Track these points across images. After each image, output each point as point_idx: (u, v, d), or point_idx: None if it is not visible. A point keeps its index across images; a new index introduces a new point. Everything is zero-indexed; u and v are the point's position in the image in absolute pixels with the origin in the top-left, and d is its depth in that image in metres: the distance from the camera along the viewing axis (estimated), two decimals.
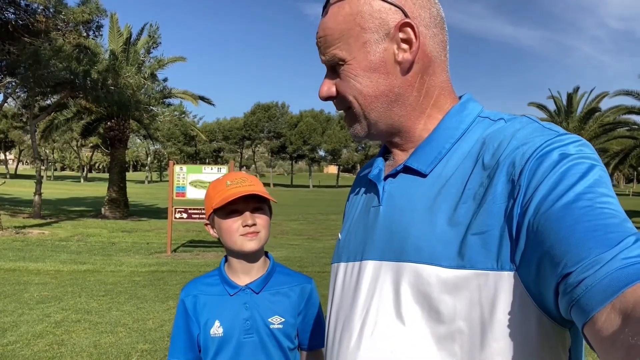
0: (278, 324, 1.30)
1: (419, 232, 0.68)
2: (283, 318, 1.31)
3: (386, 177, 0.79)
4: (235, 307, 1.30)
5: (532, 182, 0.59)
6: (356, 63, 0.74)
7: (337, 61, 0.76)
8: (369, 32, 0.73)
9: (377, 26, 0.73)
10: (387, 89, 0.75)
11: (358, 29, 0.74)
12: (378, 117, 0.77)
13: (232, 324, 1.28)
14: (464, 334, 0.63)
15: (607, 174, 0.62)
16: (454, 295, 0.63)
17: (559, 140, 0.63)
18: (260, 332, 1.29)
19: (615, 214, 0.54)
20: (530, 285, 0.59)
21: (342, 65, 0.76)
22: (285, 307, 1.33)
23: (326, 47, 0.77)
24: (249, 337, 1.28)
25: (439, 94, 0.77)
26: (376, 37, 0.73)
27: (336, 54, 0.75)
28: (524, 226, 0.58)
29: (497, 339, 0.61)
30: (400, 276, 0.68)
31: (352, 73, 0.75)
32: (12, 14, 14.45)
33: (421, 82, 0.75)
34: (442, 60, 0.77)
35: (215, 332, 1.28)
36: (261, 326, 1.29)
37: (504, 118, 0.73)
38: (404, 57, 0.73)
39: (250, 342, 1.28)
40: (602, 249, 0.50)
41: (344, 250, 0.84)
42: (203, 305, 1.31)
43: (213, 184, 1.36)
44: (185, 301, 1.33)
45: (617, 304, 0.46)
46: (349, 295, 0.77)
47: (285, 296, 1.34)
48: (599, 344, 0.47)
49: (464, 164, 0.70)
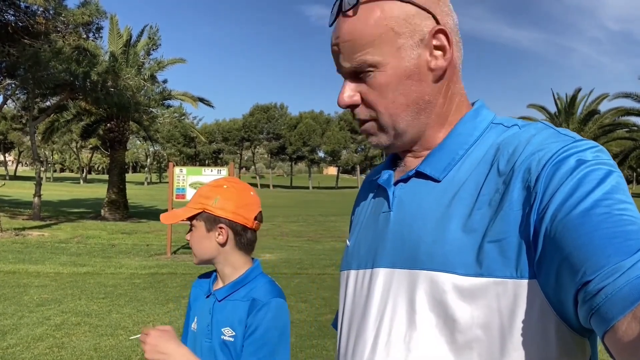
0: (229, 336, 1.28)
1: (432, 239, 0.67)
2: (234, 332, 1.28)
3: (396, 183, 0.78)
4: (206, 309, 1.36)
5: (548, 188, 0.59)
6: (391, 69, 0.71)
7: (367, 67, 0.72)
8: (403, 38, 0.71)
9: (411, 31, 0.71)
10: (418, 96, 0.73)
11: (392, 33, 0.70)
12: (406, 126, 0.75)
13: (201, 325, 1.36)
14: (483, 342, 0.62)
15: (624, 180, 0.61)
16: (471, 303, 0.62)
17: (575, 147, 0.62)
18: (214, 339, 1.30)
19: (634, 220, 0.54)
20: (550, 293, 0.58)
21: (371, 72, 0.72)
22: (238, 320, 1.28)
23: (353, 52, 0.72)
24: (207, 342, 1.31)
25: (459, 101, 0.77)
26: (410, 43, 0.71)
27: (367, 60, 0.71)
28: (541, 233, 0.58)
29: (517, 347, 0.60)
30: (415, 284, 0.67)
31: (384, 80, 0.72)
32: (12, 16, 14.47)
33: (447, 90, 0.75)
34: (460, 67, 0.78)
35: (194, 327, 1.38)
36: (215, 334, 1.30)
37: (518, 124, 0.73)
38: (437, 64, 0.72)
39: (207, 346, 1.31)
40: (621, 256, 0.49)
41: (354, 257, 0.82)
42: (195, 298, 1.44)
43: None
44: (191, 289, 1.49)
45: (638, 312, 0.45)
46: (360, 303, 0.76)
47: (238, 309, 1.30)
48: (619, 353, 0.47)
49: (478, 170, 0.69)
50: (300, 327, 5.07)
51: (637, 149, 25.51)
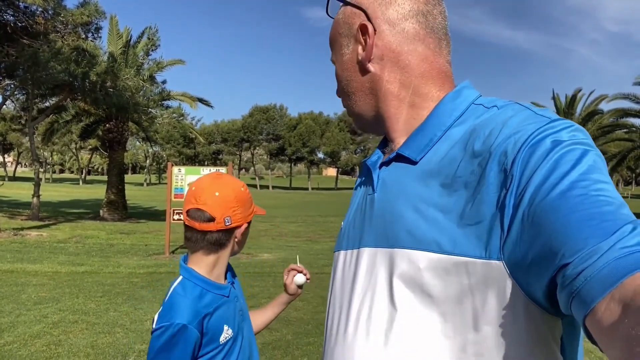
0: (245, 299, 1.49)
1: (409, 219, 0.70)
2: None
3: (381, 165, 0.81)
4: (232, 304, 1.36)
5: (525, 171, 0.59)
6: (338, 65, 0.87)
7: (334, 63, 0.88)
8: (342, 37, 0.84)
9: (347, 30, 0.83)
10: (359, 84, 0.83)
11: (337, 34, 0.86)
12: (360, 110, 0.86)
13: (234, 320, 1.35)
14: (457, 316, 0.64)
15: (602, 158, 0.61)
16: (445, 280, 0.64)
17: (551, 127, 0.62)
18: (244, 311, 1.44)
19: (611, 200, 0.54)
20: (519, 275, 0.59)
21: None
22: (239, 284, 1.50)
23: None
24: (245, 322, 1.42)
25: (418, 83, 0.79)
26: (346, 41, 0.84)
27: (331, 57, 0.89)
28: (517, 217, 0.58)
29: (489, 322, 0.62)
30: (393, 262, 0.70)
31: (336, 73, 0.87)
32: (11, 16, 14.47)
33: (392, 75, 0.80)
34: (421, 51, 0.78)
35: (226, 336, 1.30)
36: (244, 307, 1.45)
37: (497, 105, 0.73)
38: (362, 55, 0.81)
39: (246, 324, 1.43)
40: (598, 238, 0.50)
41: (344, 237, 0.86)
42: (212, 323, 1.26)
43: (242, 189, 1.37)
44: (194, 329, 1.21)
45: (616, 294, 0.45)
46: (347, 282, 0.79)
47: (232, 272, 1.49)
48: (598, 335, 0.47)
49: (454, 151, 0.70)
50: (298, 325, 5.09)
51: (636, 150, 25.53)
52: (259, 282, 7.32)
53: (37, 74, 14.20)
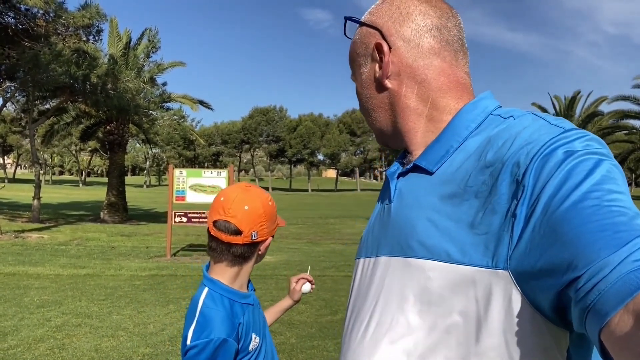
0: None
1: (422, 229, 0.71)
2: None
3: (399, 176, 0.83)
4: (257, 312, 1.38)
5: (537, 182, 0.59)
6: (357, 83, 0.89)
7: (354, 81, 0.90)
8: (360, 56, 0.87)
9: (363, 50, 0.86)
10: (378, 101, 0.85)
11: (355, 55, 0.88)
12: (380, 125, 0.87)
13: (259, 327, 1.37)
14: (460, 328, 0.64)
15: (618, 167, 0.60)
16: (452, 290, 0.65)
17: (564, 137, 0.62)
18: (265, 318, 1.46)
19: (624, 211, 0.53)
20: (526, 286, 0.59)
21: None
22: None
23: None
24: (266, 327, 1.44)
25: (436, 96, 0.80)
26: (364, 60, 0.86)
27: (351, 77, 0.92)
28: (528, 227, 0.58)
29: (492, 334, 0.62)
30: (406, 271, 0.71)
31: (357, 91, 0.90)
32: (12, 18, 14.49)
33: (410, 90, 0.81)
34: (437, 65, 0.80)
35: (254, 344, 1.31)
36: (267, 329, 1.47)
37: (514, 115, 0.73)
38: (379, 73, 0.83)
39: (267, 331, 1.44)
40: (610, 249, 0.49)
41: (363, 246, 0.89)
42: (243, 332, 1.27)
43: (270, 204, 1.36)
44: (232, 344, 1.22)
45: (630, 306, 0.45)
46: (363, 289, 0.81)
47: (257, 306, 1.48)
48: (612, 348, 0.47)
49: (469, 161, 0.71)
50: (301, 329, 5.08)
51: (636, 151, 25.56)
52: (261, 284, 7.33)
53: (38, 76, 14.22)
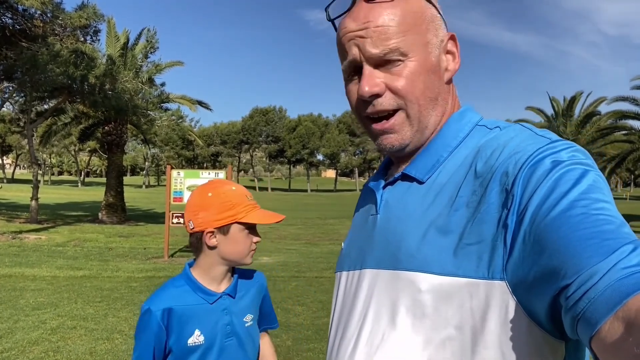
0: (250, 321, 1.41)
1: (412, 240, 0.69)
2: (252, 315, 1.42)
3: (385, 186, 0.80)
4: (216, 314, 1.34)
5: (525, 191, 0.59)
6: (420, 61, 0.72)
7: (398, 55, 0.70)
8: (430, 34, 0.74)
9: (435, 31, 0.75)
10: (438, 92, 0.75)
11: (423, 27, 0.73)
12: (428, 121, 0.75)
13: (214, 331, 1.32)
14: (456, 341, 0.63)
15: (603, 178, 0.61)
16: (446, 302, 0.64)
17: (551, 148, 0.63)
18: (238, 333, 1.36)
19: (611, 219, 0.54)
20: (522, 295, 0.59)
21: (401, 61, 0.71)
22: (252, 304, 1.44)
23: (386, 37, 0.70)
24: (230, 340, 1.34)
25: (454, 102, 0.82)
26: (435, 41, 0.75)
27: (400, 47, 0.70)
28: (519, 236, 0.58)
29: (488, 347, 0.61)
30: (395, 284, 0.69)
31: (416, 70, 0.71)
32: (10, 19, 14.46)
33: (453, 92, 0.81)
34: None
35: (195, 341, 1.30)
36: (239, 328, 1.37)
37: (500, 126, 0.74)
38: (452, 67, 0.77)
39: (231, 345, 1.34)
40: (599, 257, 0.49)
41: (346, 259, 0.86)
42: (179, 317, 1.28)
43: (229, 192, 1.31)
44: (157, 314, 1.26)
45: (620, 314, 0.45)
46: (348, 303, 0.79)
47: (250, 295, 1.44)
48: (603, 354, 0.47)
49: (459, 172, 0.71)
50: (297, 331, 5.06)
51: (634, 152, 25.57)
52: None
53: (36, 76, 14.19)
